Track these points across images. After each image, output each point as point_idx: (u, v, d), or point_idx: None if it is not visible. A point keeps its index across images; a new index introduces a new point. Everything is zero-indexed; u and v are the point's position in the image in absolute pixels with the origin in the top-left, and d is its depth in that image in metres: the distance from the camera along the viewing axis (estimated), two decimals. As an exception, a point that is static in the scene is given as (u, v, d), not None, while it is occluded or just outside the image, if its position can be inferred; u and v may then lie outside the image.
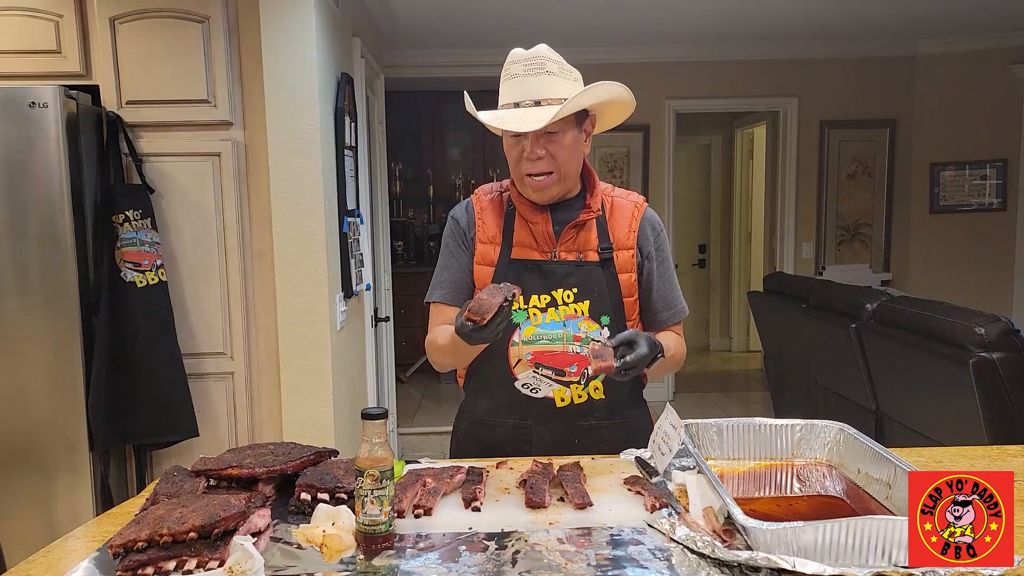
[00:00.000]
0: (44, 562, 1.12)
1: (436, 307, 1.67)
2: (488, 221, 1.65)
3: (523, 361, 1.58)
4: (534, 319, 1.57)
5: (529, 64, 1.54)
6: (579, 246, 1.61)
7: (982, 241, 5.53)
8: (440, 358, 1.64)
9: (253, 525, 1.13)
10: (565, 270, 1.58)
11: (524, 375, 1.59)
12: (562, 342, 1.57)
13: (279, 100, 2.75)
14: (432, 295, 1.68)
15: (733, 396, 6.08)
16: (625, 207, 1.66)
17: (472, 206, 1.69)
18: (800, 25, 5.03)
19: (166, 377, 2.72)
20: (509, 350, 1.58)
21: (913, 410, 3.27)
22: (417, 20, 4.61)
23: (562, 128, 1.52)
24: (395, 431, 4.76)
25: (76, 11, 2.73)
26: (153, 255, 2.72)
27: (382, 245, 4.37)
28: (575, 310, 1.58)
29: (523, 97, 1.52)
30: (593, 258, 1.60)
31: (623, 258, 1.62)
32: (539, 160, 1.53)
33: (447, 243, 1.69)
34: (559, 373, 1.57)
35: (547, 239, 1.60)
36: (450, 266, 1.67)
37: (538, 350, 1.57)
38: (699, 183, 7.59)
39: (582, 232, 1.61)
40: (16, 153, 2.50)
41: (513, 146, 1.56)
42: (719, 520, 1.15)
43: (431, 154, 6.94)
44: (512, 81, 1.54)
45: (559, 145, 1.53)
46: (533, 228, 1.61)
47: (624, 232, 1.63)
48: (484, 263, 1.63)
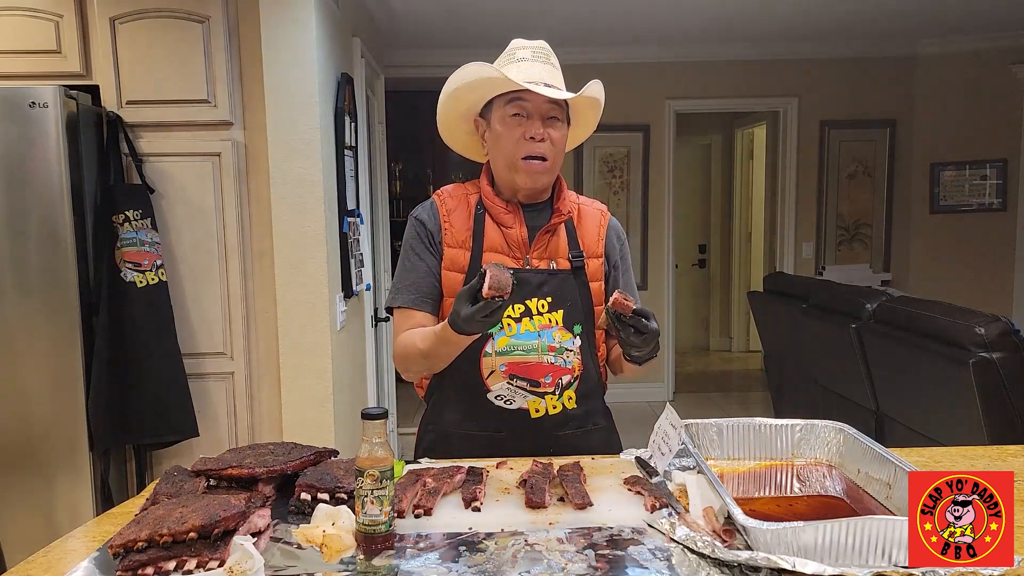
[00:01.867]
0: (44, 562, 1.12)
1: (402, 312, 1.59)
2: (456, 224, 1.59)
3: (496, 372, 1.53)
4: (508, 329, 1.53)
5: (537, 52, 1.55)
6: (550, 253, 1.58)
7: (982, 241, 5.53)
8: (416, 364, 1.55)
9: (253, 525, 1.13)
10: (539, 278, 1.55)
11: (498, 387, 1.54)
12: (537, 353, 1.53)
13: (279, 100, 2.75)
14: (396, 300, 1.59)
15: (733, 396, 6.08)
16: (592, 215, 1.65)
17: (436, 207, 1.62)
18: (800, 25, 5.03)
19: (166, 377, 2.72)
20: (482, 361, 1.53)
21: (913, 410, 3.27)
22: (417, 20, 4.61)
23: (562, 118, 1.53)
24: (395, 431, 4.76)
25: (76, 11, 2.73)
26: (153, 255, 2.72)
27: (382, 245, 4.37)
28: (549, 319, 1.54)
29: (536, 78, 1.51)
30: (564, 265, 1.58)
31: (593, 266, 1.61)
32: (543, 142, 1.51)
33: (412, 245, 1.60)
34: (534, 384, 1.54)
35: (520, 245, 1.57)
36: (416, 269, 1.59)
37: (513, 361, 1.53)
38: (699, 183, 7.60)
39: (553, 238, 1.59)
40: (16, 153, 2.50)
41: (512, 126, 1.52)
42: (719, 520, 1.15)
43: (431, 154, 6.94)
44: (520, 64, 1.53)
45: (560, 133, 1.53)
46: (507, 233, 1.57)
47: (593, 240, 1.62)
48: (454, 269, 1.57)
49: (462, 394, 1.58)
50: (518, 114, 1.52)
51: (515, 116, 1.52)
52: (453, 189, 1.67)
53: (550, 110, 1.51)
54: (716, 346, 7.72)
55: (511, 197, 1.60)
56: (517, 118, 1.52)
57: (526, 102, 1.51)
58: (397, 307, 1.60)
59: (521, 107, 1.51)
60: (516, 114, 1.52)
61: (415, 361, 1.55)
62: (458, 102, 1.60)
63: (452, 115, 1.64)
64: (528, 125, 1.51)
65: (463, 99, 1.59)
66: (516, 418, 1.56)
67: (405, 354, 1.57)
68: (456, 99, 1.59)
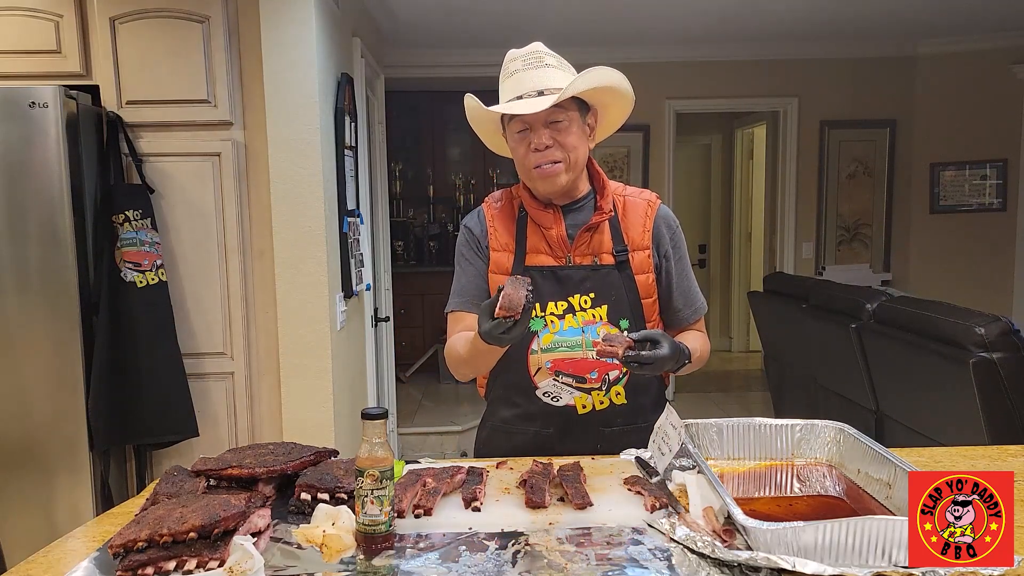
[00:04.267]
0: (44, 562, 1.12)
1: (454, 315, 1.65)
2: (500, 228, 1.64)
3: (543, 369, 1.57)
4: (552, 326, 1.56)
5: (528, 59, 1.55)
6: (593, 249, 1.59)
7: (982, 241, 5.53)
8: (461, 368, 1.62)
9: (253, 525, 1.13)
10: (581, 275, 1.57)
11: (544, 383, 1.57)
12: (581, 348, 1.55)
13: (279, 100, 2.75)
14: (451, 304, 1.66)
15: (733, 396, 6.08)
16: (638, 206, 1.64)
17: (484, 214, 1.68)
18: (800, 25, 5.03)
19: (166, 377, 2.72)
20: (528, 358, 1.57)
21: (913, 410, 3.27)
22: (417, 20, 4.61)
23: (567, 117, 1.52)
24: (395, 431, 4.75)
25: (76, 11, 2.73)
26: (153, 255, 2.72)
27: (382, 245, 4.37)
28: (593, 315, 1.56)
29: (525, 89, 1.52)
30: (608, 261, 1.59)
31: (639, 259, 1.60)
32: (547, 149, 1.52)
33: (462, 252, 1.67)
34: (580, 380, 1.56)
35: (561, 244, 1.59)
36: (467, 273, 1.65)
37: (557, 358, 1.56)
38: (699, 183, 7.59)
39: (596, 235, 1.60)
40: (16, 153, 2.50)
41: (520, 142, 1.55)
42: (719, 520, 1.15)
43: (431, 154, 6.94)
44: (513, 77, 1.54)
45: (566, 133, 1.53)
46: (546, 233, 1.60)
47: (639, 232, 1.62)
48: (499, 271, 1.61)
49: (512, 392, 1.63)
50: (523, 129, 1.54)
51: (520, 132, 1.55)
52: (501, 194, 1.71)
53: (550, 115, 1.51)
54: (716, 346, 7.68)
55: (546, 199, 1.61)
56: (522, 132, 1.54)
57: (525, 115, 1.52)
58: (449, 311, 1.66)
59: (522, 121, 1.53)
60: (521, 129, 1.54)
61: (460, 365, 1.61)
62: (478, 129, 1.70)
63: (483, 135, 1.72)
64: (532, 136, 1.53)
65: (479, 126, 1.69)
66: (563, 415, 1.59)
67: (452, 358, 1.62)
68: (475, 126, 1.69)
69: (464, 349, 1.54)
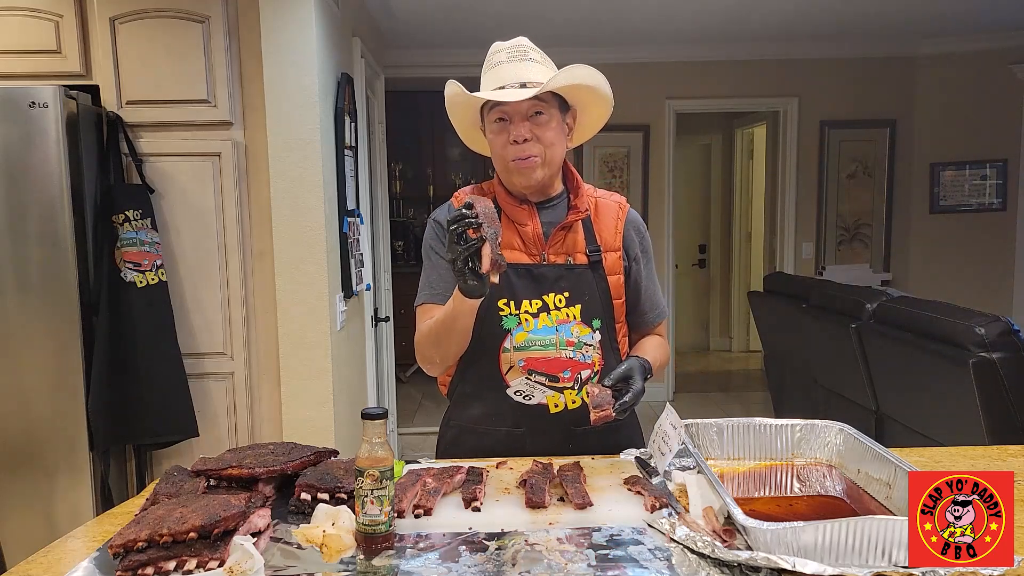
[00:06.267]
0: (44, 562, 1.12)
1: (423, 308, 1.63)
2: None
3: (515, 368, 1.55)
4: (526, 324, 1.54)
5: (512, 52, 1.55)
6: (567, 248, 1.59)
7: (982, 241, 5.53)
8: (430, 351, 1.57)
9: (253, 525, 1.13)
10: (556, 273, 1.57)
11: (517, 382, 1.56)
12: (555, 347, 1.55)
13: (279, 100, 2.75)
14: (420, 297, 1.64)
15: (733, 396, 6.08)
16: (610, 207, 1.65)
17: (453, 208, 1.63)
18: (800, 25, 5.03)
19: (166, 377, 2.72)
20: (500, 356, 1.55)
21: (913, 410, 3.28)
22: (417, 20, 4.61)
23: (547, 111, 1.52)
24: (395, 431, 4.76)
25: (76, 11, 2.73)
26: (153, 255, 2.72)
27: (382, 245, 4.37)
28: (567, 314, 1.55)
29: (508, 80, 1.52)
30: (582, 260, 1.59)
31: (611, 260, 1.61)
32: (526, 143, 1.51)
33: (431, 246, 1.64)
34: (552, 379, 1.55)
35: (537, 241, 1.58)
36: (437, 267, 1.61)
37: (531, 356, 1.54)
38: (699, 183, 7.60)
39: (570, 234, 1.60)
40: (16, 153, 2.50)
41: (498, 133, 1.54)
42: (719, 520, 1.15)
43: (431, 154, 6.94)
44: (496, 69, 1.54)
45: (545, 128, 1.52)
46: (521, 230, 1.59)
47: (611, 233, 1.63)
48: None
49: (482, 390, 1.60)
50: (501, 119, 1.53)
51: (498, 122, 1.54)
52: (471, 189, 1.69)
53: (531, 107, 1.50)
54: (716, 346, 7.72)
55: (521, 195, 1.61)
56: (501, 123, 1.53)
57: (505, 106, 1.52)
58: (419, 305, 1.64)
59: (502, 111, 1.52)
60: (499, 119, 1.53)
61: (428, 347, 1.57)
62: (455, 118, 1.66)
63: (460, 126, 1.69)
64: (511, 128, 1.52)
65: (457, 115, 1.65)
66: (535, 414, 1.57)
67: (421, 343, 1.59)
68: (453, 116, 1.66)
69: (435, 322, 1.52)
